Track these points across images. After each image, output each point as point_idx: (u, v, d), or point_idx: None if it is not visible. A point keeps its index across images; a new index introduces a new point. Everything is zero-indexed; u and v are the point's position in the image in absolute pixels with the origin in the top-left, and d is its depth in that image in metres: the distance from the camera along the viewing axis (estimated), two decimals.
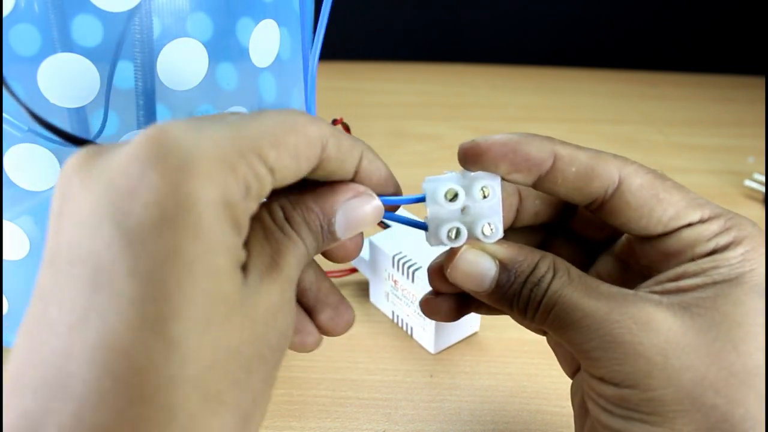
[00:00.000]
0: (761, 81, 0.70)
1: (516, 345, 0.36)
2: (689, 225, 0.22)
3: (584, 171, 0.22)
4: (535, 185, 0.23)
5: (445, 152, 0.57)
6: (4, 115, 0.25)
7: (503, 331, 0.37)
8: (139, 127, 0.30)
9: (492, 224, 0.23)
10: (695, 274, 0.21)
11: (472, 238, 0.23)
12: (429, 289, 0.33)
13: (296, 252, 0.20)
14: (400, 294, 0.36)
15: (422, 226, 0.24)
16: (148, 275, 0.16)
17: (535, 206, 0.25)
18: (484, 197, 0.23)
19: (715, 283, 0.20)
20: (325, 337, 0.25)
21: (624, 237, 0.25)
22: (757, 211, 0.49)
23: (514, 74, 0.75)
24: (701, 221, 0.22)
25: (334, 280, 0.40)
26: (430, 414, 0.32)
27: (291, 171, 0.19)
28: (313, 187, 0.22)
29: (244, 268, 0.19)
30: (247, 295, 0.18)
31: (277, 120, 0.19)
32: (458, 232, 0.23)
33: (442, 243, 0.23)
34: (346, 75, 0.72)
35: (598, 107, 0.68)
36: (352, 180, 0.22)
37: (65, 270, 0.17)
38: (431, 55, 0.77)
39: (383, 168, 0.23)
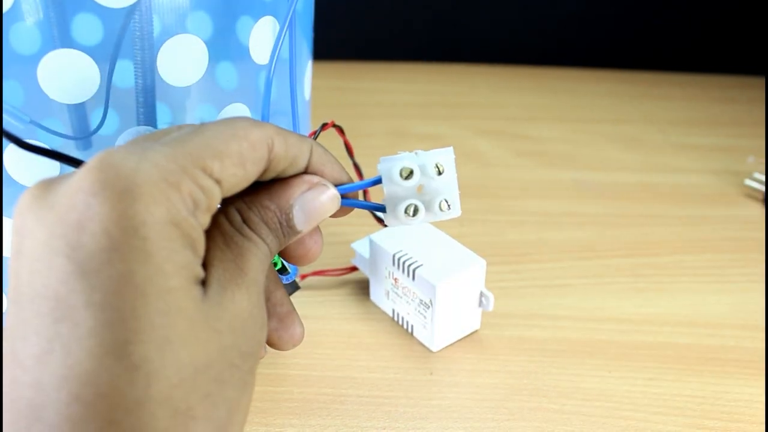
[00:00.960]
0: (761, 81, 0.70)
1: (516, 343, 0.36)
2: None
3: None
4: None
5: None
6: (4, 108, 0.25)
7: (504, 329, 0.37)
8: (138, 124, 0.31)
9: (448, 200, 0.23)
10: None
11: (430, 214, 0.23)
12: (431, 287, 0.33)
13: (258, 253, 0.21)
14: (400, 292, 0.36)
15: (381, 208, 0.24)
16: (103, 303, 0.16)
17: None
18: (440, 173, 0.23)
19: None
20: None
21: None
22: (757, 211, 0.49)
23: (514, 74, 0.75)
24: None
25: (333, 278, 0.40)
26: (431, 411, 0.32)
27: (239, 178, 0.20)
28: (268, 185, 0.22)
29: (205, 281, 0.19)
30: (209, 308, 0.19)
31: (219, 130, 0.20)
32: (416, 209, 0.23)
33: (400, 222, 0.23)
34: (346, 75, 0.72)
35: (599, 107, 0.68)
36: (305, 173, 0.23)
37: (28, 306, 0.17)
38: (431, 55, 0.77)
39: (333, 159, 0.24)
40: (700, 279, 0.42)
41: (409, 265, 0.34)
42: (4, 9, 0.24)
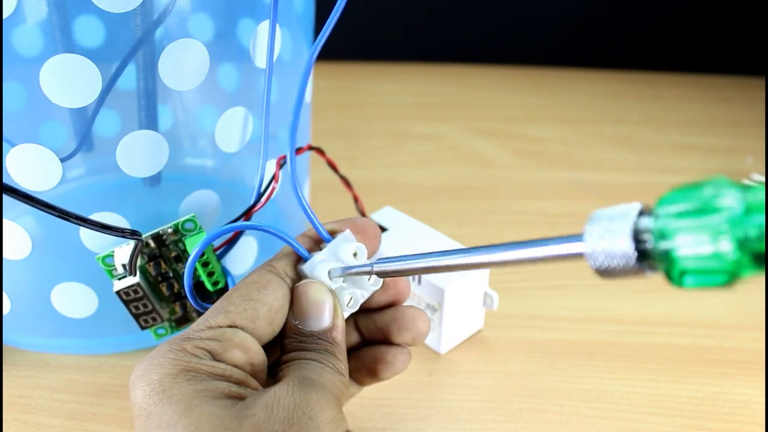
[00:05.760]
0: (761, 81, 0.70)
1: (516, 344, 0.36)
2: None
3: None
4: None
5: (445, 152, 0.57)
6: None
7: (503, 331, 0.37)
8: (140, 127, 0.31)
9: (354, 299, 0.25)
10: None
11: (339, 290, 0.25)
12: (439, 290, 0.33)
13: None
14: None
15: (305, 257, 0.25)
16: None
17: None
18: (368, 279, 0.25)
19: None
20: None
21: None
22: None
23: (514, 74, 0.75)
24: None
25: None
26: (430, 413, 0.32)
27: (249, 311, 0.24)
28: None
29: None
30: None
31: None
32: (331, 273, 0.24)
33: (313, 275, 0.24)
34: (346, 75, 0.72)
35: (598, 107, 0.68)
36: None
37: None
38: (431, 55, 0.77)
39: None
40: None
41: None
42: (7, 12, 0.24)
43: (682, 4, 0.75)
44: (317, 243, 0.25)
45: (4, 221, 0.28)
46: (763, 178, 0.52)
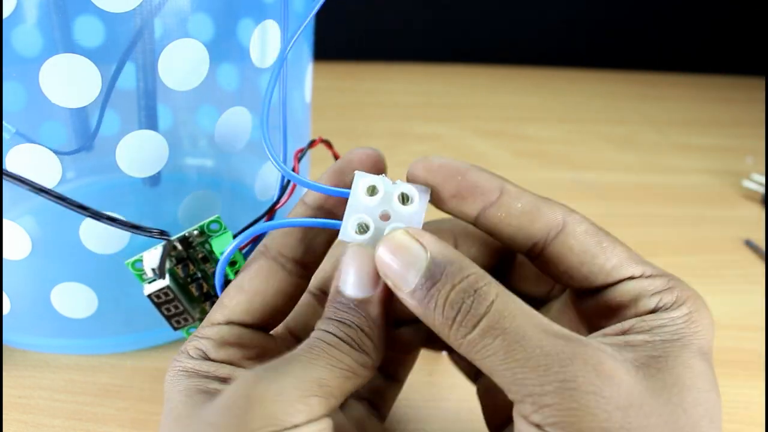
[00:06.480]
0: (761, 81, 0.70)
1: None
2: (631, 278, 0.21)
3: (530, 208, 0.21)
4: (478, 220, 0.22)
5: (445, 152, 0.57)
6: None
7: None
8: (140, 127, 0.31)
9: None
10: (642, 331, 0.20)
11: (377, 238, 0.21)
12: None
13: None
14: None
15: (335, 225, 0.22)
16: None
17: (470, 253, 0.25)
18: (404, 203, 0.22)
19: (663, 342, 0.19)
20: None
21: (563, 296, 0.24)
22: (755, 212, 0.49)
23: (514, 74, 0.75)
24: (643, 276, 0.21)
25: None
26: (429, 414, 0.32)
27: (242, 304, 0.24)
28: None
29: None
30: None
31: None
32: (365, 228, 0.21)
33: (347, 236, 0.21)
34: (346, 75, 0.72)
35: (598, 107, 0.68)
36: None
37: None
38: (431, 55, 0.77)
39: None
40: (698, 280, 0.42)
41: None
42: (7, 12, 0.24)
43: (682, 4, 0.75)
44: (319, 209, 0.23)
45: (4, 221, 0.28)
46: (763, 179, 0.52)
